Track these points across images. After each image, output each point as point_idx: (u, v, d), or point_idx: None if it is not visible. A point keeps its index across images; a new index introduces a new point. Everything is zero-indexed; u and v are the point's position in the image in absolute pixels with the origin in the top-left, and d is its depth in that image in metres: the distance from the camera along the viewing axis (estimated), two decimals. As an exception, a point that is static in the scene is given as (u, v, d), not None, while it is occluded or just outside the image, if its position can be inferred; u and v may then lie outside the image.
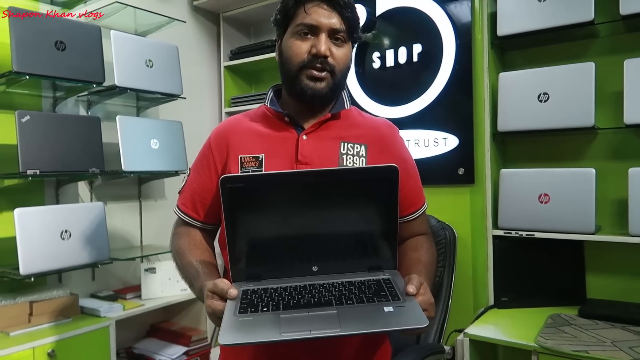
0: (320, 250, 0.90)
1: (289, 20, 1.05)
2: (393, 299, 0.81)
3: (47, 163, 1.80)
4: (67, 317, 1.91)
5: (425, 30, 1.98)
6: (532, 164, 1.96)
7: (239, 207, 0.86)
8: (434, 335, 1.65)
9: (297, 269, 0.91)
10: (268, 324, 0.76)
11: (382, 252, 0.92)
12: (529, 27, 1.79)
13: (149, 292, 2.21)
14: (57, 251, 1.78)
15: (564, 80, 1.72)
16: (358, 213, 0.90)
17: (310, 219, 0.89)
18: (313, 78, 1.02)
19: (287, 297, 0.83)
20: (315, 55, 1.01)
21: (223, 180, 0.84)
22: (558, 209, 1.71)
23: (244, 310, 0.80)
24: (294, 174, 0.91)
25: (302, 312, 0.79)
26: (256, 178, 0.89)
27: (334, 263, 0.91)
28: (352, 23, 1.05)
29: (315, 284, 0.87)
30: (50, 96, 2.07)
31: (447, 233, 1.79)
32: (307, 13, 1.01)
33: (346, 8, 1.02)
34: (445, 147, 1.95)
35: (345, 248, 0.91)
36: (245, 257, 0.90)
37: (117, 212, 2.33)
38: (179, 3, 2.66)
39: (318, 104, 1.07)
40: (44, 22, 1.79)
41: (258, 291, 0.86)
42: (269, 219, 0.89)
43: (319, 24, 1.01)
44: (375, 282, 0.88)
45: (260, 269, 0.91)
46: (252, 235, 0.89)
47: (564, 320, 1.64)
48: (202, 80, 2.79)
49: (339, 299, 0.82)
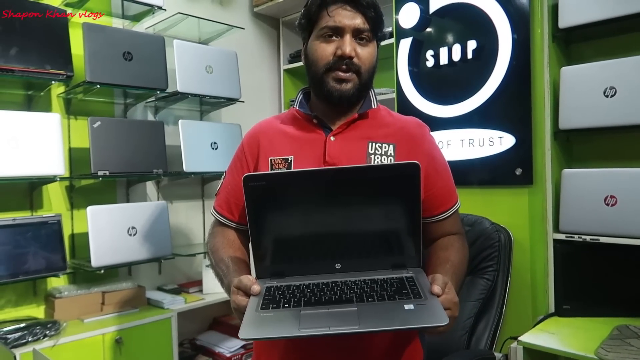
0: (344, 247, 0.91)
1: (313, 23, 1.07)
2: (415, 297, 0.81)
3: (116, 164, 1.96)
4: (135, 307, 2.06)
5: (480, 25, 1.90)
6: (598, 163, 1.83)
7: (262, 205, 0.88)
8: (486, 341, 1.60)
9: (320, 267, 0.92)
10: (288, 320, 0.78)
11: (405, 249, 0.91)
12: (595, 17, 1.67)
13: (209, 286, 2.32)
14: (124, 246, 1.93)
15: (633, 74, 1.59)
16: (380, 210, 0.89)
17: (333, 216, 0.89)
18: (339, 80, 1.03)
19: (308, 294, 0.85)
20: (340, 56, 1.02)
21: (245, 178, 0.86)
22: (626, 212, 1.59)
23: (265, 307, 0.82)
24: (316, 171, 0.92)
25: (322, 309, 0.80)
26: (277, 176, 0.90)
27: (357, 261, 0.91)
28: (376, 22, 1.05)
29: (338, 282, 0.88)
30: (122, 103, 2.24)
31: (502, 236, 1.72)
32: (330, 15, 1.02)
33: (369, 8, 1.03)
34: (500, 146, 1.86)
35: (368, 246, 0.91)
36: (269, 254, 0.92)
37: (182, 211, 2.47)
38: (241, 10, 2.77)
39: (345, 105, 1.08)
40: (113, 34, 1.95)
41: (281, 288, 0.88)
42: (292, 216, 0.90)
43: (342, 25, 1.02)
44: (397, 280, 0.87)
45: (284, 266, 0.93)
46: (276, 233, 0.91)
47: (632, 332, 1.52)
48: (262, 84, 2.89)
49: (360, 297, 0.82)
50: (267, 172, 0.98)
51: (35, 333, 1.71)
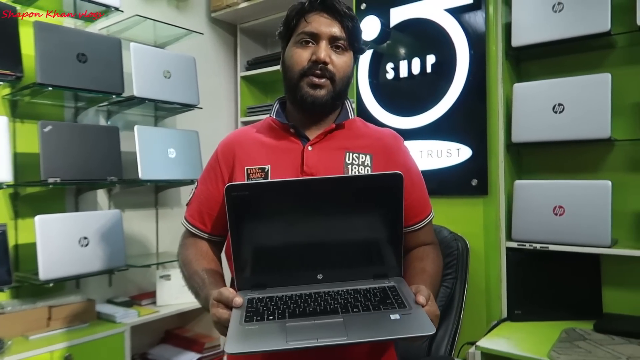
0: (326, 258, 0.91)
1: (292, 31, 1.08)
2: (399, 307, 0.81)
3: (67, 171, 1.86)
4: (84, 322, 1.95)
5: (439, 41, 1.98)
6: (547, 175, 1.94)
7: (244, 215, 0.87)
8: (445, 348, 1.64)
9: (302, 277, 0.91)
10: (274, 333, 0.77)
11: (387, 259, 0.92)
12: (545, 38, 1.78)
13: (163, 298, 2.24)
14: (75, 257, 1.83)
15: (580, 91, 1.70)
16: (363, 220, 0.90)
17: (315, 226, 0.89)
18: (313, 85, 1.04)
19: (292, 306, 0.84)
20: (315, 61, 1.03)
21: (228, 188, 0.85)
22: (573, 222, 1.69)
23: (249, 319, 0.81)
24: (299, 181, 0.91)
25: (308, 321, 0.79)
26: (261, 186, 0.89)
27: (339, 271, 0.91)
28: (353, 33, 1.07)
29: (321, 292, 0.88)
30: (72, 106, 2.13)
31: (460, 244, 1.78)
32: (308, 22, 1.04)
33: (347, 17, 1.05)
34: (458, 157, 1.94)
35: (350, 256, 0.91)
36: (250, 265, 0.90)
37: (134, 220, 2.38)
38: (198, 15, 2.72)
39: (319, 111, 1.08)
40: (66, 34, 1.86)
41: (263, 299, 0.87)
42: (274, 227, 0.89)
43: (319, 32, 1.03)
44: (380, 289, 0.88)
45: (266, 278, 0.91)
46: (257, 244, 0.90)
47: (579, 335, 1.61)
48: (219, 91, 2.84)
49: (344, 307, 0.82)
50: (250, 182, 0.97)
51: (-25, 353, 1.59)
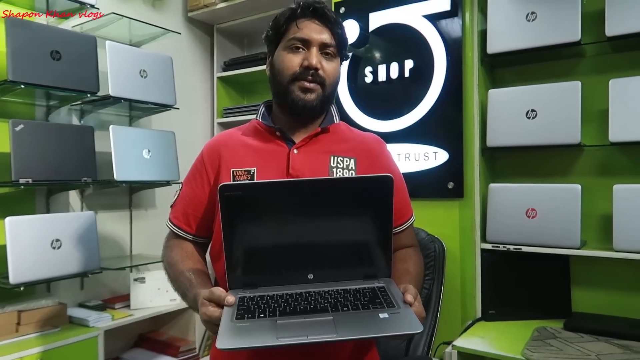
0: (316, 258, 0.92)
1: (281, 35, 1.09)
2: (388, 306, 0.83)
3: (39, 172, 1.80)
4: (55, 326, 1.90)
5: (417, 46, 2.01)
6: (519, 179, 2.00)
7: (236, 215, 0.87)
8: (423, 347, 1.67)
9: (293, 277, 0.92)
10: (265, 330, 0.78)
11: (376, 260, 0.93)
12: (518, 46, 1.83)
13: (138, 301, 2.20)
14: (47, 260, 1.78)
15: (552, 98, 1.76)
16: (353, 222, 0.91)
17: (307, 227, 0.90)
18: (304, 89, 1.06)
19: (283, 304, 0.85)
20: (306, 67, 1.05)
21: (222, 188, 0.85)
22: (545, 224, 1.74)
23: (240, 317, 0.81)
24: (292, 182, 0.92)
25: (298, 318, 0.81)
26: (254, 186, 0.90)
27: (329, 271, 0.93)
28: (342, 40, 1.10)
29: (311, 292, 0.89)
30: (44, 105, 2.07)
31: (437, 246, 1.82)
32: (299, 28, 1.06)
33: (336, 24, 1.08)
34: (435, 161, 1.98)
35: (340, 256, 0.93)
36: (241, 264, 0.91)
37: (107, 222, 2.32)
38: (174, 14, 2.68)
39: (308, 115, 1.10)
40: (40, 31, 1.80)
41: (254, 298, 0.87)
42: (266, 227, 0.90)
43: (310, 38, 1.06)
44: (370, 289, 0.89)
45: (257, 277, 0.92)
46: (249, 243, 0.90)
47: (550, 334, 1.67)
48: (195, 91, 2.81)
49: (334, 306, 0.84)
50: (243, 182, 0.97)
51: (-61, 360, 1.52)
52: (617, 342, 1.56)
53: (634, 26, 1.62)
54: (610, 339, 1.59)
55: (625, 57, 1.80)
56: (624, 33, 1.64)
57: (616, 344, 1.55)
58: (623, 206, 1.62)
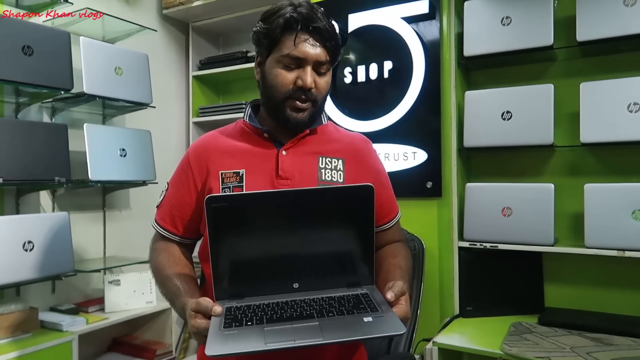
0: (301, 267, 0.93)
1: (274, 45, 1.05)
2: (372, 311, 0.85)
3: (8, 171, 1.73)
4: (26, 332, 1.82)
5: (396, 48, 2.04)
6: (495, 178, 2.04)
7: (223, 226, 0.88)
8: (404, 345, 1.69)
9: (278, 287, 0.93)
10: (253, 336, 0.79)
11: (360, 269, 0.96)
12: (493, 49, 1.88)
13: (112, 304, 2.15)
14: (19, 263, 1.71)
15: (526, 100, 1.81)
16: (337, 231, 0.93)
17: (291, 237, 0.92)
18: (296, 109, 1.05)
19: (270, 312, 0.86)
20: (300, 87, 1.03)
21: (208, 200, 0.86)
22: (519, 222, 1.79)
23: (228, 325, 0.82)
24: (278, 193, 0.93)
25: (285, 325, 0.82)
26: (240, 197, 0.91)
27: (314, 280, 0.94)
28: (335, 52, 1.07)
29: (297, 300, 0.90)
30: (13, 102, 1.99)
31: (416, 245, 1.84)
32: (295, 45, 1.02)
33: (331, 40, 1.05)
34: (414, 161, 2.01)
35: (325, 265, 0.95)
36: (228, 275, 0.92)
37: (79, 223, 2.25)
38: (148, 11, 2.63)
39: (300, 131, 1.10)
40: (11, 25, 1.74)
41: (242, 308, 0.88)
42: (252, 237, 0.91)
43: (305, 57, 1.02)
44: (354, 296, 0.91)
45: (243, 287, 0.93)
46: (236, 254, 0.91)
47: (526, 328, 1.72)
48: (170, 90, 2.76)
49: (320, 312, 0.85)
50: (229, 194, 0.98)
51: None
52: (589, 335, 1.62)
53: (603, 32, 1.69)
54: (582, 333, 1.65)
55: (595, 61, 1.87)
56: (594, 38, 1.71)
57: (588, 337, 1.61)
58: (594, 204, 1.68)
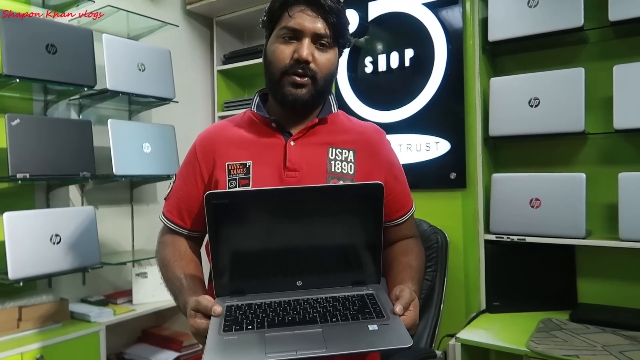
0: (305, 265, 0.90)
1: (275, 23, 1.04)
2: (377, 317, 0.81)
3: (37, 167, 1.79)
4: (57, 322, 1.89)
5: (417, 35, 1.98)
6: (523, 168, 1.97)
7: (223, 222, 0.86)
8: (426, 340, 1.65)
9: (281, 284, 0.90)
10: (253, 344, 0.76)
11: (365, 267, 0.92)
12: (520, 33, 1.80)
13: (140, 296, 2.19)
14: (46, 256, 1.77)
15: (554, 86, 1.73)
16: (343, 229, 0.90)
17: (295, 234, 0.88)
18: (294, 84, 1.01)
19: (271, 314, 0.83)
20: (297, 60, 1.00)
21: (208, 196, 0.83)
22: (549, 214, 1.72)
23: (228, 328, 0.79)
24: (280, 190, 0.90)
25: (287, 331, 0.79)
26: (241, 194, 0.88)
27: (318, 278, 0.91)
28: (338, 28, 1.03)
29: (300, 300, 0.87)
30: (42, 100, 2.06)
31: (439, 237, 1.79)
32: (291, 17, 1.00)
33: (331, 13, 1.00)
34: (437, 151, 1.95)
35: (329, 263, 0.91)
36: (229, 272, 0.89)
37: (108, 217, 2.31)
38: (172, 7, 2.66)
39: (299, 110, 1.05)
40: (35, 25, 1.79)
41: (242, 307, 0.85)
42: (254, 234, 0.88)
43: (302, 29, 1.00)
44: (359, 297, 0.88)
45: (244, 284, 0.90)
46: (237, 251, 0.88)
47: (555, 325, 1.64)
48: (195, 85, 2.79)
49: (323, 316, 0.82)
50: (230, 190, 0.95)
51: (-60, 356, 1.52)
52: (624, 333, 1.54)
53: (638, 11, 1.58)
54: (617, 330, 1.57)
55: (630, 42, 1.76)
56: (628, 18, 1.61)
57: (623, 335, 1.53)
58: (629, 194, 1.59)
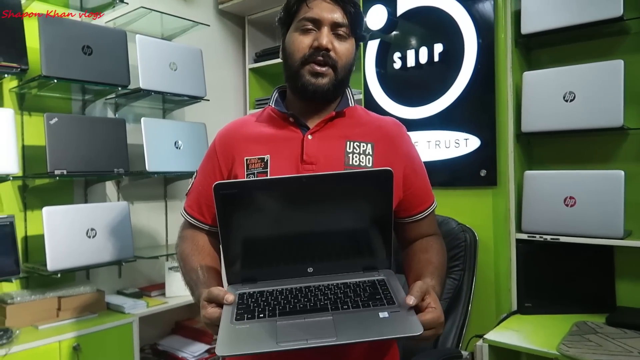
0: (315, 251, 0.90)
1: (292, 16, 1.05)
2: (388, 304, 0.81)
3: (74, 163, 1.87)
4: (93, 312, 1.97)
5: (447, 29, 1.94)
6: (558, 165, 1.90)
7: (233, 212, 0.86)
8: (452, 340, 1.62)
9: (292, 271, 0.91)
10: (265, 333, 0.76)
11: (376, 252, 0.92)
12: (554, 25, 1.73)
13: (172, 289, 2.26)
14: (82, 249, 1.85)
15: (591, 79, 1.66)
16: (353, 215, 0.89)
17: (305, 221, 0.89)
18: (315, 74, 1.01)
19: (283, 302, 0.83)
20: (317, 48, 1.00)
21: (216, 187, 0.84)
22: (584, 213, 1.65)
23: (240, 317, 0.80)
24: (287, 179, 0.90)
25: (298, 319, 0.79)
26: (249, 184, 0.89)
27: (329, 264, 0.91)
28: (355, 19, 1.04)
29: (311, 286, 0.87)
30: (80, 99, 2.14)
31: (468, 236, 1.75)
32: (310, 7, 1.01)
33: (348, 3, 1.02)
34: (466, 148, 1.90)
35: (340, 249, 0.91)
36: (240, 260, 0.90)
37: (143, 212, 2.39)
38: (205, 7, 2.71)
39: (320, 100, 1.05)
40: (71, 27, 1.86)
41: (254, 294, 0.86)
42: (264, 222, 0.88)
43: (321, 18, 1.01)
44: (370, 283, 0.87)
45: (256, 271, 0.91)
46: (248, 239, 0.89)
47: (590, 328, 1.58)
48: (227, 83, 2.84)
49: (334, 304, 0.82)
50: (238, 180, 0.96)
51: (-15, 342, 1.62)
52: (664, 339, 1.46)
53: (684, -2, 1.50)
54: (656, 336, 1.49)
55: (675, 32, 1.67)
56: (673, 6, 1.52)
57: (662, 340, 1.45)
58: (671, 193, 1.51)
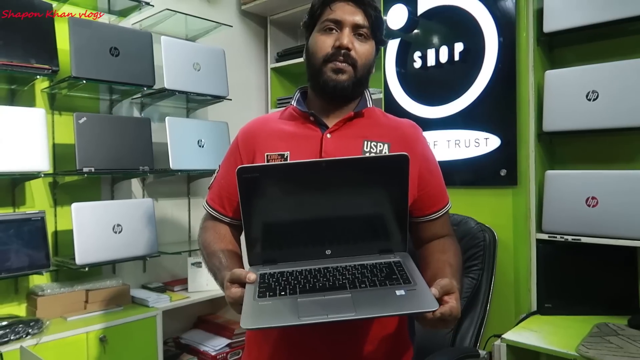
0: (334, 234, 0.93)
1: (316, 19, 1.10)
2: (404, 282, 0.84)
3: (101, 161, 1.94)
4: (119, 305, 2.04)
5: (467, 28, 1.93)
6: (580, 165, 1.87)
7: (255, 195, 0.90)
8: (470, 339, 1.62)
9: (311, 253, 0.94)
10: (286, 309, 0.80)
11: (392, 235, 0.94)
12: (578, 23, 1.71)
13: (195, 285, 2.31)
14: (109, 243, 1.91)
15: (615, 78, 1.63)
16: (370, 199, 0.92)
17: (324, 204, 0.91)
18: (336, 70, 1.06)
19: (303, 281, 0.87)
20: (338, 47, 1.05)
21: (239, 170, 0.87)
22: (607, 213, 1.63)
23: (262, 294, 0.83)
24: (307, 163, 0.94)
25: (318, 296, 0.82)
26: (271, 168, 0.92)
27: (346, 247, 0.94)
28: (376, 21, 1.09)
29: (330, 267, 0.90)
30: (107, 99, 2.21)
31: (487, 235, 1.75)
32: (332, 10, 1.07)
33: (370, 6, 1.08)
34: (486, 147, 1.89)
35: (357, 232, 0.94)
36: (261, 242, 0.93)
37: (167, 208, 2.45)
38: (228, 8, 2.76)
39: (339, 96, 1.10)
40: (99, 29, 1.93)
41: (275, 275, 0.89)
42: (284, 205, 0.92)
43: (342, 19, 1.06)
44: (386, 264, 0.90)
45: (276, 253, 0.94)
46: (268, 221, 0.92)
47: (611, 330, 1.56)
48: (249, 82, 2.88)
49: (352, 283, 0.85)
50: (260, 164, 0.98)
51: (17, 331, 1.69)
52: (688, 343, 1.43)
53: None
54: (680, 339, 1.46)
55: (703, 29, 1.63)
56: (701, 2, 1.49)
57: (686, 344, 1.43)
58: (697, 194, 1.47)
